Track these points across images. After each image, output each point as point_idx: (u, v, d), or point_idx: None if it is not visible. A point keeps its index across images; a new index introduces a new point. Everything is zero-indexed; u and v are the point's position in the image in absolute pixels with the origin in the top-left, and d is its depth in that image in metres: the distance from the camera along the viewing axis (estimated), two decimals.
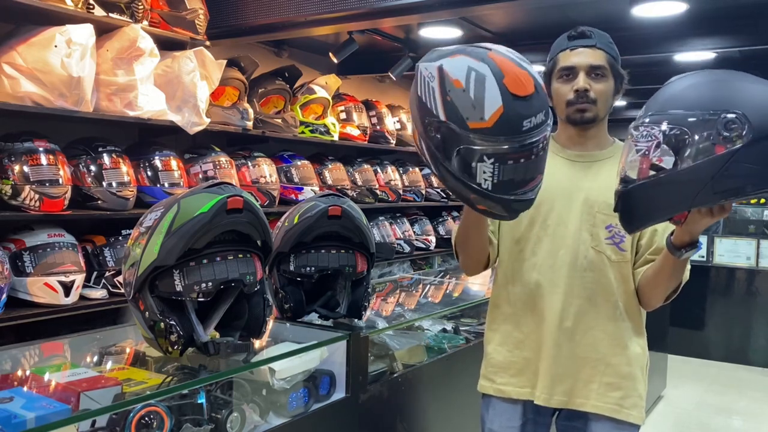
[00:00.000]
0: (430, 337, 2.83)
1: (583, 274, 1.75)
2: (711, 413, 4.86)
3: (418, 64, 1.44)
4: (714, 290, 6.31)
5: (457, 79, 1.36)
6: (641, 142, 1.36)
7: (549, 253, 1.78)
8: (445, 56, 1.40)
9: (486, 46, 1.41)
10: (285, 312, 2.13)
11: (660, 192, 1.36)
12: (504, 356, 1.85)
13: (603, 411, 1.76)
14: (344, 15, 3.31)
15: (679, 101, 1.35)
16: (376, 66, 5.10)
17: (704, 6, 3.79)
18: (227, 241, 1.69)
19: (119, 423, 1.52)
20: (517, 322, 1.83)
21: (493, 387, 1.87)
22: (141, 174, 3.22)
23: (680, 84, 1.40)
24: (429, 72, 1.40)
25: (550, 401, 1.78)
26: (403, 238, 5.09)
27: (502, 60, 1.38)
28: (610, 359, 1.76)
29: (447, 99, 1.36)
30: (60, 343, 2.13)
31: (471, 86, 1.35)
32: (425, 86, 1.40)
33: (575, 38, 1.75)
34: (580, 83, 1.72)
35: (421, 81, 1.41)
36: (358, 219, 2.08)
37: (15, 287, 2.70)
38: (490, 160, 1.36)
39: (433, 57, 1.42)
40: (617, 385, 1.76)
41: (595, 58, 1.72)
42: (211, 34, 3.52)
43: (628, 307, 1.78)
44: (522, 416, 1.83)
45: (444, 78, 1.37)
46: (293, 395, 1.90)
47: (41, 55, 2.69)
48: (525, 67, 1.40)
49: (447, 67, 1.37)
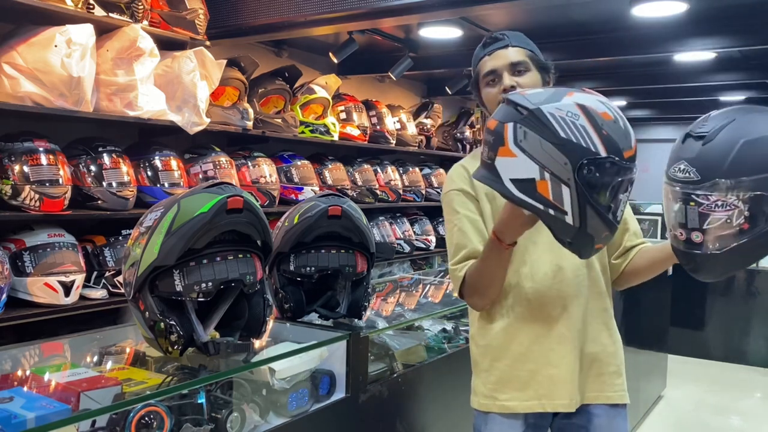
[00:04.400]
0: (430, 337, 2.82)
1: (577, 272, 1.74)
2: (711, 413, 4.86)
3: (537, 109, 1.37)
4: (714, 290, 6.30)
5: (605, 112, 1.36)
6: (719, 211, 1.41)
7: (538, 260, 1.75)
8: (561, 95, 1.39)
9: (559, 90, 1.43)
10: (285, 312, 2.13)
11: (753, 249, 1.44)
12: (503, 371, 1.78)
13: (615, 400, 1.78)
14: (344, 15, 3.31)
15: (744, 166, 1.39)
16: (376, 66, 5.11)
17: (704, 6, 3.79)
18: (227, 241, 1.69)
19: (119, 423, 1.52)
20: (513, 335, 1.76)
21: (496, 404, 1.79)
22: (141, 174, 3.22)
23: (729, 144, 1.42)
24: (567, 111, 1.36)
25: (570, 406, 1.75)
26: (403, 238, 5.09)
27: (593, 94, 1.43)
28: (609, 348, 1.80)
29: (604, 133, 1.35)
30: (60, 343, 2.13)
31: (617, 116, 1.37)
32: (569, 126, 1.35)
33: (489, 44, 1.78)
34: (506, 81, 1.72)
35: (560, 123, 1.35)
36: (358, 219, 2.08)
37: (15, 287, 2.70)
38: (629, 189, 1.43)
39: (545, 99, 1.38)
40: (619, 371, 1.81)
41: (514, 56, 1.74)
42: (211, 34, 3.52)
43: (609, 295, 1.84)
44: (523, 424, 1.80)
45: (591, 114, 1.36)
46: (293, 395, 1.90)
47: (41, 55, 2.69)
48: None
49: (586, 102, 1.37)
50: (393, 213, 5.21)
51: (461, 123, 6.26)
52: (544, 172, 1.36)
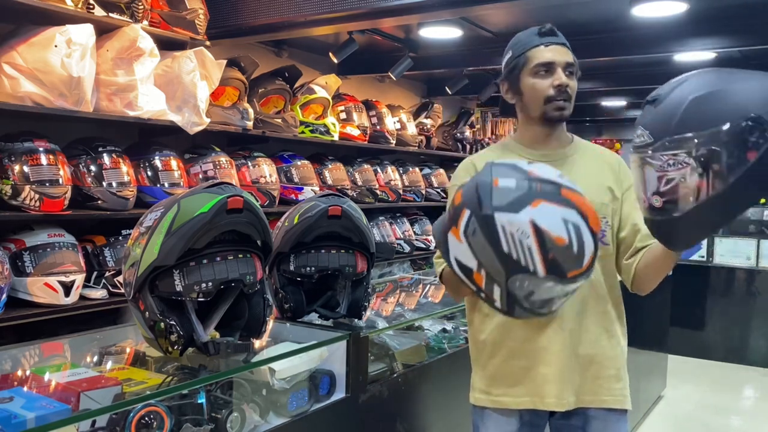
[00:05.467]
0: (430, 337, 2.82)
1: None
2: (711, 413, 4.86)
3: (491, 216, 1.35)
4: (714, 290, 6.30)
5: (559, 236, 1.33)
6: (671, 170, 1.35)
7: None
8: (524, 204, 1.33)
9: (542, 176, 1.38)
10: (285, 312, 2.13)
11: (713, 212, 1.35)
12: (497, 367, 1.81)
13: (612, 404, 1.77)
14: (344, 15, 3.31)
15: (693, 120, 1.34)
16: (376, 66, 5.10)
17: (704, 6, 3.79)
18: (227, 241, 1.69)
19: (119, 423, 1.52)
20: (508, 331, 1.79)
21: (489, 399, 1.83)
22: (141, 174, 3.22)
23: (678, 101, 1.38)
24: (518, 229, 1.33)
25: (560, 405, 1.76)
26: (403, 238, 5.09)
27: (576, 197, 1.37)
28: (608, 352, 1.78)
29: (549, 257, 1.33)
30: (60, 343, 2.13)
31: (573, 241, 1.34)
32: (515, 244, 1.33)
33: (547, 35, 1.75)
34: (563, 78, 1.72)
35: (506, 237, 1.34)
36: (358, 219, 2.08)
37: (15, 287, 2.70)
38: (569, 296, 1.43)
39: (506, 204, 1.34)
40: (619, 376, 1.79)
41: (569, 56, 1.74)
42: (211, 34, 3.52)
43: (613, 298, 1.81)
44: (518, 421, 1.81)
45: (543, 236, 1.32)
46: (293, 395, 1.90)
47: (41, 55, 2.69)
48: (583, 192, 1.41)
49: (542, 223, 1.33)
50: (393, 213, 5.21)
51: (461, 123, 6.26)
52: (481, 268, 1.40)
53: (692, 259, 6.30)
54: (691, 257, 6.31)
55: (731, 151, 1.29)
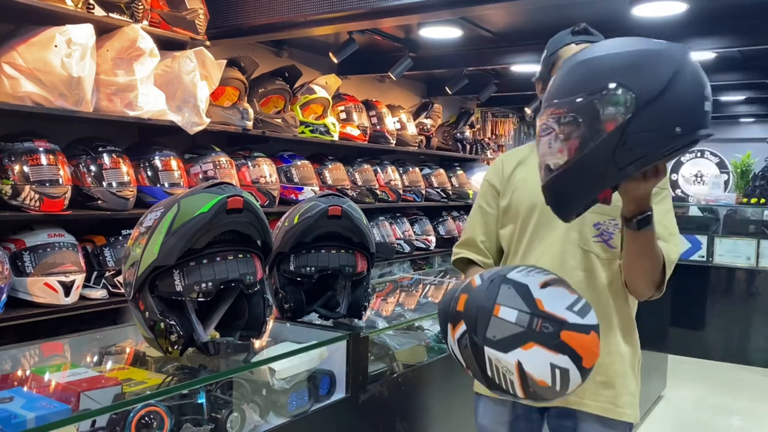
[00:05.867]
0: (430, 337, 2.82)
1: (572, 273, 1.73)
2: (711, 413, 4.86)
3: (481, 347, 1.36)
4: (714, 290, 6.30)
5: (542, 380, 1.32)
6: (543, 135, 1.35)
7: (539, 255, 1.77)
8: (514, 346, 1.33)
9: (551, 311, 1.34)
10: (285, 312, 2.13)
11: (573, 179, 1.33)
12: None
13: (596, 410, 1.75)
14: (344, 15, 3.31)
15: (563, 89, 1.33)
16: (376, 66, 5.11)
17: (704, 6, 3.79)
18: (227, 241, 1.69)
19: (119, 423, 1.52)
20: None
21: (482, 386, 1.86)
22: (141, 174, 3.22)
23: (560, 72, 1.37)
24: (504, 365, 1.34)
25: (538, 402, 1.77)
26: (403, 238, 5.09)
27: (577, 338, 1.33)
28: (602, 358, 1.74)
29: (530, 391, 1.34)
30: (60, 343, 2.13)
31: (557, 382, 1.32)
32: (499, 375, 1.35)
33: (580, 33, 1.73)
34: None
35: (492, 368, 1.36)
36: (358, 219, 2.08)
37: (15, 287, 2.70)
38: None
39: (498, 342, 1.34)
40: (610, 383, 1.76)
41: None
42: (211, 34, 3.52)
43: (619, 305, 1.77)
44: (511, 412, 1.83)
45: (526, 377, 1.32)
46: (293, 395, 1.90)
47: (41, 55, 2.69)
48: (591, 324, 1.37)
49: (528, 367, 1.32)
50: (393, 213, 5.21)
51: (461, 123, 6.27)
52: (468, 368, 1.44)
53: (692, 259, 6.30)
54: (691, 257, 6.32)
55: (588, 119, 1.26)
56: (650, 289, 1.67)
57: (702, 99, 1.25)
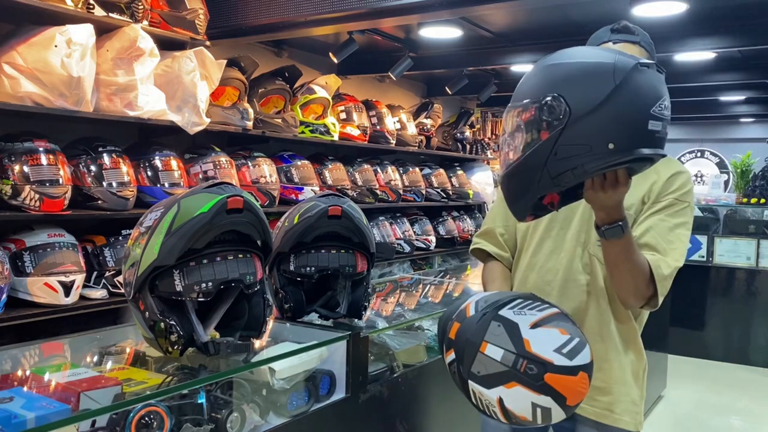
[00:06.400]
0: (430, 337, 2.82)
1: (578, 277, 1.72)
2: (711, 413, 4.86)
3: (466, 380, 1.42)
4: (714, 290, 6.30)
5: (523, 416, 1.37)
6: (505, 134, 1.39)
7: (549, 254, 1.77)
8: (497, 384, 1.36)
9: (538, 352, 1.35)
10: (285, 312, 2.13)
11: (513, 182, 1.39)
12: None
13: (590, 415, 1.74)
14: (344, 15, 3.31)
15: (518, 93, 1.36)
16: (376, 66, 5.11)
17: (704, 6, 3.79)
18: (227, 241, 1.69)
19: (119, 423, 1.52)
20: None
21: None
22: (141, 174, 3.22)
23: (532, 69, 1.39)
24: (486, 399, 1.39)
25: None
26: (403, 238, 5.09)
27: (561, 381, 1.34)
28: (601, 363, 1.71)
29: (513, 421, 1.39)
30: (60, 343, 2.13)
31: (538, 419, 1.36)
32: (483, 404, 1.41)
33: (619, 32, 1.70)
34: None
35: (476, 400, 1.42)
36: (358, 219, 2.08)
37: (15, 287, 2.70)
38: None
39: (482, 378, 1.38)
40: (607, 389, 1.73)
41: (639, 55, 1.61)
42: (211, 34, 3.52)
43: (617, 311, 1.73)
44: None
45: (508, 413, 1.37)
46: (293, 395, 1.90)
47: (41, 55, 2.69)
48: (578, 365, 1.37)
49: (509, 405, 1.35)
50: (393, 213, 5.21)
51: (461, 123, 6.27)
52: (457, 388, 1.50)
53: (692, 259, 6.30)
54: (691, 257, 6.32)
55: (529, 126, 1.29)
56: (636, 300, 1.64)
57: (645, 117, 1.24)
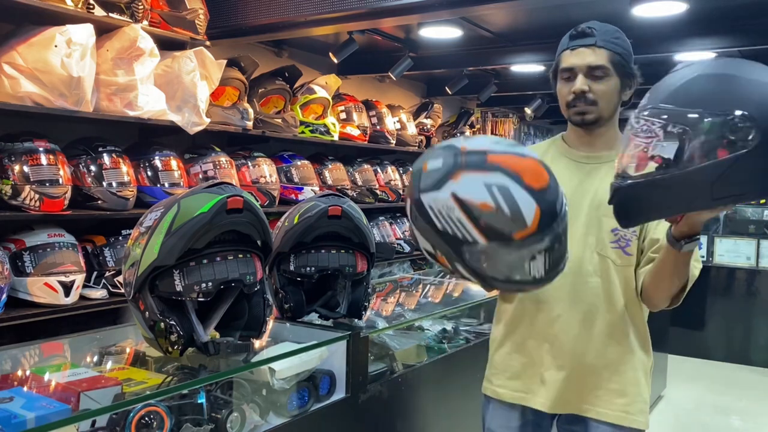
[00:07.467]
0: (430, 337, 2.82)
1: (589, 279, 1.72)
2: (711, 413, 4.86)
3: (419, 199, 1.33)
4: (714, 290, 6.30)
5: (483, 203, 1.28)
6: (640, 136, 1.27)
7: None
8: (444, 180, 1.30)
9: (473, 148, 1.33)
10: (285, 312, 2.13)
11: (656, 193, 1.25)
12: (503, 358, 1.86)
13: (609, 418, 1.74)
14: (344, 15, 3.31)
15: (683, 95, 1.23)
16: (376, 66, 5.10)
17: (704, 6, 3.79)
18: (227, 241, 1.69)
19: (119, 423, 1.52)
20: (517, 325, 1.82)
21: (490, 388, 1.88)
22: (141, 174, 3.22)
23: (685, 74, 1.27)
24: (443, 205, 1.31)
25: (554, 408, 1.77)
26: (403, 238, 5.09)
27: (506, 158, 1.31)
28: (617, 366, 1.74)
29: (481, 224, 1.29)
30: (60, 343, 2.13)
31: (501, 203, 1.27)
32: (446, 220, 1.31)
33: (576, 38, 1.72)
34: (578, 85, 1.68)
35: (437, 216, 1.32)
36: (358, 219, 2.08)
37: (15, 287, 2.70)
38: (541, 255, 1.33)
39: (429, 185, 1.32)
40: (623, 391, 1.74)
41: (595, 58, 1.67)
42: (211, 34, 3.51)
43: (633, 312, 1.74)
44: (521, 417, 1.82)
45: (467, 206, 1.29)
46: (293, 395, 1.90)
47: (41, 55, 2.69)
48: (526, 154, 1.34)
49: (463, 194, 1.29)
50: (393, 213, 5.21)
51: (461, 123, 6.27)
52: (436, 249, 1.39)
53: None
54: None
55: (703, 139, 1.18)
56: (668, 302, 1.67)
57: None
